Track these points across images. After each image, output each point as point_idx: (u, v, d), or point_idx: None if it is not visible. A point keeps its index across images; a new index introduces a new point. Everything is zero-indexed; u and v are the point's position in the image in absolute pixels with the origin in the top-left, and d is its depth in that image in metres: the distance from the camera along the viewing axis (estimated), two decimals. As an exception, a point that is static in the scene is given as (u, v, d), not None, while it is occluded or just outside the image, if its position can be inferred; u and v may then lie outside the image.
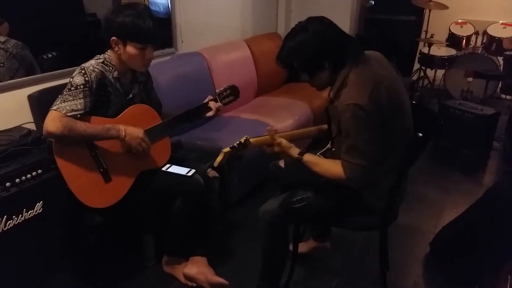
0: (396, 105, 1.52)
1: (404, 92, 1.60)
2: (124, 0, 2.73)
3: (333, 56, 1.52)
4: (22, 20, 2.12)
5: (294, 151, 1.62)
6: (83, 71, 1.72)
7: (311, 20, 1.55)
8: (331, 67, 1.54)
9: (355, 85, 1.48)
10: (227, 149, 1.65)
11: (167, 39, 3.01)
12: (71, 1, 2.47)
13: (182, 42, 3.11)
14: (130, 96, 1.91)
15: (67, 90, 1.69)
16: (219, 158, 1.65)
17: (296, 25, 1.57)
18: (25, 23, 2.14)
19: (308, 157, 1.59)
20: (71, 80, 1.71)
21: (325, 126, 1.78)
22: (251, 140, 1.69)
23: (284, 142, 1.63)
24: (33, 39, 2.16)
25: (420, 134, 1.55)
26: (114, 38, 1.75)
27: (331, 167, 1.54)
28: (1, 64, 2.04)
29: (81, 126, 1.67)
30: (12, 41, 2.07)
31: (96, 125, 1.72)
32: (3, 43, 2.04)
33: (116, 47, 1.77)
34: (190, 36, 3.16)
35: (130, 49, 1.76)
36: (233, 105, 3.13)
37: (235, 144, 1.67)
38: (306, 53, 1.52)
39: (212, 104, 2.02)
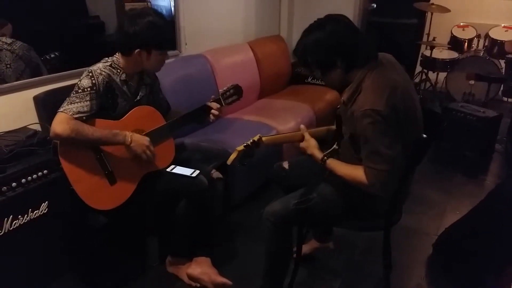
0: (410, 109, 1.53)
1: (416, 95, 1.61)
2: (127, 3, 2.76)
3: (345, 56, 1.53)
4: (25, 22, 2.14)
5: (319, 153, 1.67)
6: (90, 74, 1.74)
7: (329, 18, 1.56)
8: (343, 66, 1.55)
9: (371, 90, 1.48)
10: (241, 147, 1.68)
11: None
12: (75, 4, 2.49)
13: (186, 44, 3.13)
14: (138, 98, 1.93)
15: (74, 93, 1.71)
16: (232, 156, 1.67)
17: (314, 21, 1.58)
18: (28, 25, 2.16)
19: (331, 161, 1.63)
20: (78, 82, 1.73)
21: (334, 127, 1.79)
22: (264, 139, 1.71)
23: (314, 141, 1.70)
24: (36, 41, 2.17)
25: (425, 136, 1.56)
26: (138, 50, 1.77)
27: (353, 173, 1.55)
28: (8, 65, 2.06)
29: (88, 130, 1.68)
30: (18, 42, 2.09)
31: (103, 130, 1.74)
32: (9, 44, 2.06)
33: (139, 57, 1.80)
34: (194, 39, 3.18)
35: (155, 57, 1.81)
36: (236, 107, 3.17)
37: (249, 143, 1.69)
38: (319, 52, 1.54)
39: (213, 106, 2.03)
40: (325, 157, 1.64)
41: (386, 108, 1.43)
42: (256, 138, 1.71)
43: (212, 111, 2.01)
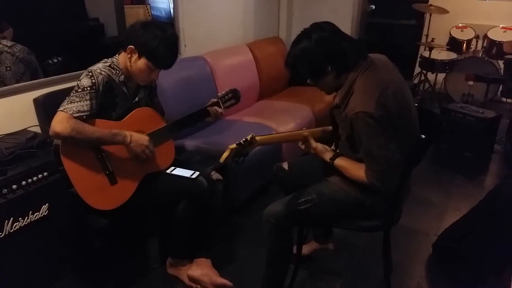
0: (403, 109, 1.54)
1: (410, 95, 1.63)
2: (127, 5, 2.77)
3: (335, 62, 1.56)
4: (25, 25, 2.15)
5: (327, 155, 1.69)
6: (90, 74, 1.75)
7: (315, 26, 1.59)
8: (334, 72, 1.57)
9: (362, 92, 1.50)
10: (233, 146, 1.68)
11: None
12: (74, 6, 2.50)
13: (185, 46, 3.14)
14: (136, 99, 1.93)
15: (74, 92, 1.72)
16: (225, 154, 1.67)
17: (301, 31, 1.60)
18: (29, 28, 2.17)
19: (338, 161, 1.66)
20: (78, 82, 1.74)
21: (329, 128, 1.80)
22: (257, 138, 1.72)
23: (320, 145, 1.71)
24: (36, 44, 2.18)
25: (423, 136, 1.57)
26: (131, 47, 1.78)
27: (356, 172, 1.59)
28: (8, 68, 2.07)
29: (89, 129, 1.69)
30: (19, 45, 2.10)
31: (103, 129, 1.74)
32: (10, 47, 2.07)
33: (130, 55, 1.80)
34: (193, 41, 3.19)
35: (142, 63, 1.79)
36: (236, 109, 3.16)
37: (241, 141, 1.69)
38: (308, 61, 1.57)
39: (212, 110, 2.05)
40: (332, 159, 1.67)
41: (377, 109, 1.45)
42: (249, 137, 1.72)
43: (211, 109, 2.04)
